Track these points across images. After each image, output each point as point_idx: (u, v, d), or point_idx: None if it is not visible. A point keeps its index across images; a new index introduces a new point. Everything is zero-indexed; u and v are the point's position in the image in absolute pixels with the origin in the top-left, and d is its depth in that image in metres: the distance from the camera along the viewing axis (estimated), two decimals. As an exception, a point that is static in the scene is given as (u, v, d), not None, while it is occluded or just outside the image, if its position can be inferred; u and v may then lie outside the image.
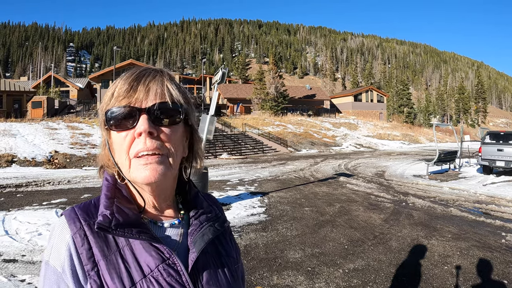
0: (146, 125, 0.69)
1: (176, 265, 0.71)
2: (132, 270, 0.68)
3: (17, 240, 5.47)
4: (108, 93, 0.74)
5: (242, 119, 37.46)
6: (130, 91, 0.71)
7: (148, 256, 0.70)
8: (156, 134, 0.71)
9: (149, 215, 0.78)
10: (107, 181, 0.77)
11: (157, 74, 0.74)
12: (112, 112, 0.71)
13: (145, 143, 0.70)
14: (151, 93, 0.72)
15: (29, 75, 75.41)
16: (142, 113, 0.70)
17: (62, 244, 0.69)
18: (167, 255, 0.71)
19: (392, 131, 44.43)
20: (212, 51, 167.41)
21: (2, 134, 18.38)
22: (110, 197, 0.73)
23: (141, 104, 0.71)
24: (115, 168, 0.76)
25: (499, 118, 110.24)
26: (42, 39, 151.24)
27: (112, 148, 0.75)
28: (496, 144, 12.97)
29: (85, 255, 0.67)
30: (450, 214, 7.45)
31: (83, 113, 35.40)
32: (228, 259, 0.85)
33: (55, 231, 0.72)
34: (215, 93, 8.46)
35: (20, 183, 11.02)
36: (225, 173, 14.60)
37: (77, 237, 0.69)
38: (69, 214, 0.73)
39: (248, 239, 5.73)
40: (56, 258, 0.68)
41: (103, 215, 0.69)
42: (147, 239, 0.70)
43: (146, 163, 0.70)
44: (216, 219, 0.85)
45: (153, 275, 0.68)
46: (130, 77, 0.73)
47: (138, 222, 0.72)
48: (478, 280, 4.14)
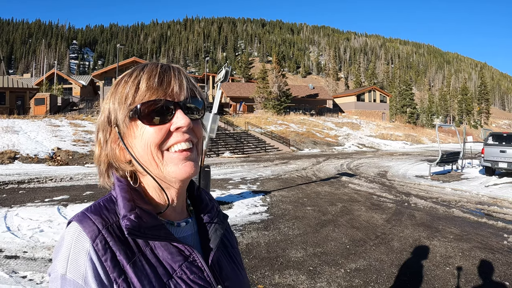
0: (188, 119, 0.69)
1: (197, 261, 0.72)
2: (159, 272, 0.66)
3: (19, 236, 5.48)
4: (129, 85, 0.69)
5: (244, 117, 37.46)
6: (163, 84, 0.69)
7: (170, 256, 0.69)
8: (191, 128, 0.71)
9: (164, 216, 0.75)
10: (120, 182, 0.72)
11: (180, 70, 0.73)
12: (146, 105, 0.67)
13: (182, 138, 0.69)
14: (183, 87, 0.71)
15: (32, 72, 75.74)
16: (178, 107, 0.69)
17: (80, 254, 0.63)
18: (188, 253, 0.71)
19: (395, 131, 44.32)
20: (215, 49, 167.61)
21: (5, 131, 18.42)
22: (129, 199, 0.69)
23: (176, 97, 0.70)
24: (129, 167, 0.73)
25: (502, 120, 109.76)
26: (46, 36, 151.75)
27: (129, 144, 0.71)
28: (498, 145, 12.92)
29: (110, 262, 0.63)
30: (452, 215, 7.43)
31: (85, 110, 35.52)
32: (234, 250, 0.88)
33: (67, 240, 0.65)
34: (218, 91, 8.45)
35: (23, 180, 11.05)
36: (227, 171, 14.61)
37: (98, 244, 0.63)
38: (82, 219, 0.67)
39: (250, 237, 5.73)
40: (75, 270, 0.62)
41: (129, 219, 0.65)
42: (171, 239, 0.69)
43: (185, 158, 0.69)
44: (219, 214, 0.87)
45: (178, 275, 0.68)
46: (156, 69, 0.70)
47: (159, 223, 0.70)
48: (479, 282, 4.13)
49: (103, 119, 0.73)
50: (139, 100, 0.68)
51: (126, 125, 0.69)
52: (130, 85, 0.69)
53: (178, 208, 0.78)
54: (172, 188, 0.74)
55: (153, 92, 0.68)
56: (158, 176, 0.70)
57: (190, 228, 0.79)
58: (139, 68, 0.72)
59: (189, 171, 0.70)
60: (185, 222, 0.79)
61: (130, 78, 0.70)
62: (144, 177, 0.74)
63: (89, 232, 0.65)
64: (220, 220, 0.84)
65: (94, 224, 0.66)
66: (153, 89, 0.68)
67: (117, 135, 0.71)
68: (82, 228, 0.65)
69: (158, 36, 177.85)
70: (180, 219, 0.79)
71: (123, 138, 0.70)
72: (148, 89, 0.68)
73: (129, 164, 0.73)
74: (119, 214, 0.68)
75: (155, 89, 0.68)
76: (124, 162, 0.73)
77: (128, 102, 0.68)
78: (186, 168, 0.69)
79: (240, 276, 0.83)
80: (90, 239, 0.64)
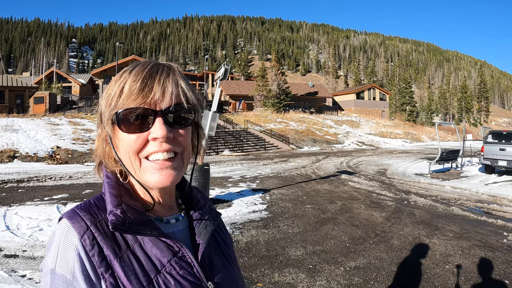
0: (164, 130, 0.66)
1: (186, 257, 0.72)
2: (147, 267, 0.66)
3: (18, 235, 5.47)
4: (115, 88, 0.68)
5: (244, 116, 37.47)
6: (144, 89, 0.66)
7: (159, 252, 0.69)
8: (171, 138, 0.68)
9: (153, 212, 0.76)
10: (108, 179, 0.73)
11: (170, 71, 0.70)
12: (125, 112, 0.66)
13: (160, 148, 0.67)
14: (167, 93, 0.67)
15: (31, 71, 75.60)
16: (158, 116, 0.67)
17: (69, 249, 0.64)
18: (177, 248, 0.71)
19: (394, 129, 44.33)
20: (214, 47, 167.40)
21: (4, 130, 18.41)
22: (116, 195, 0.70)
23: (156, 105, 0.67)
24: (117, 165, 0.73)
25: (501, 118, 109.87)
26: (45, 34, 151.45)
27: (116, 144, 0.71)
28: (498, 143, 12.93)
29: (97, 257, 0.64)
30: (451, 213, 7.43)
31: (85, 109, 35.47)
32: (227, 247, 0.88)
33: (57, 236, 0.66)
34: (218, 89, 8.44)
35: (22, 179, 11.04)
36: (226, 169, 14.60)
37: (86, 240, 0.64)
38: (71, 216, 0.68)
39: (249, 236, 5.72)
40: (64, 265, 0.63)
41: (115, 214, 0.66)
42: (158, 234, 0.69)
43: (160, 168, 0.68)
44: (211, 211, 0.87)
45: (167, 270, 0.68)
46: (142, 72, 0.67)
47: (147, 219, 0.70)
48: (479, 280, 4.13)
49: (98, 115, 0.74)
50: (121, 105, 0.67)
51: (110, 128, 0.70)
52: (116, 88, 0.68)
53: (166, 205, 0.79)
54: (154, 191, 0.74)
55: (133, 99, 0.66)
56: (138, 179, 0.71)
57: (180, 225, 0.79)
58: (130, 68, 0.70)
59: (165, 180, 0.68)
60: (175, 219, 0.79)
61: (119, 79, 0.69)
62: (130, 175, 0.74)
63: (77, 228, 0.66)
64: (211, 217, 0.84)
65: (83, 220, 0.67)
66: (133, 95, 0.66)
67: (107, 134, 0.72)
68: (71, 224, 0.66)
69: (158, 34, 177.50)
70: (170, 215, 0.79)
71: (111, 138, 0.71)
72: (130, 95, 0.66)
73: (116, 164, 0.74)
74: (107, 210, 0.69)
75: (136, 95, 0.66)
76: (112, 161, 0.74)
77: (111, 106, 0.68)
78: (162, 178, 0.68)
79: (233, 272, 0.82)
80: (78, 235, 0.65)
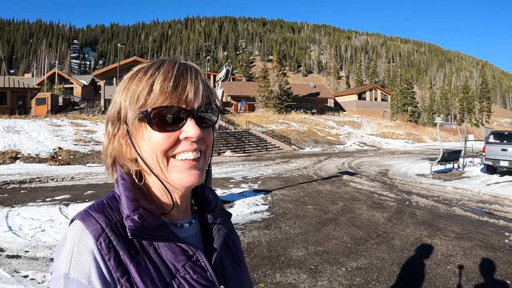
0: (198, 130, 0.66)
1: (200, 261, 0.71)
2: (163, 272, 0.66)
3: (21, 236, 5.49)
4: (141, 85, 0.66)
5: (246, 116, 37.45)
6: (177, 88, 0.65)
7: (174, 256, 0.68)
8: (202, 137, 0.69)
9: (169, 216, 0.74)
10: (124, 180, 0.71)
11: (197, 72, 0.70)
12: (158, 110, 0.65)
13: (190, 148, 0.67)
14: (198, 93, 0.67)
15: (33, 72, 75.72)
16: (190, 115, 0.66)
17: (84, 253, 0.62)
18: (191, 252, 0.71)
19: (396, 130, 44.27)
20: (216, 48, 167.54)
21: (6, 131, 18.47)
22: (133, 199, 0.67)
23: (188, 105, 0.66)
24: (134, 165, 0.71)
25: (503, 118, 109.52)
26: (46, 36, 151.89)
27: (137, 143, 0.69)
28: (500, 143, 12.90)
29: (114, 262, 0.62)
30: (453, 214, 7.42)
31: (87, 110, 35.57)
32: (237, 250, 0.87)
33: (70, 238, 0.64)
34: (219, 90, 8.46)
35: (24, 180, 11.07)
36: (228, 170, 14.61)
37: (102, 243, 0.62)
38: (85, 217, 0.65)
39: (251, 236, 5.73)
40: (79, 269, 0.61)
41: (132, 220, 0.64)
42: (175, 240, 0.69)
43: (190, 167, 0.68)
44: (223, 212, 0.85)
45: (181, 274, 0.67)
46: (173, 71, 0.66)
47: (163, 222, 0.69)
48: (481, 280, 4.12)
49: (113, 112, 0.70)
50: (151, 103, 0.65)
51: (135, 126, 0.67)
52: (144, 84, 0.66)
53: (182, 208, 0.77)
54: (177, 191, 0.72)
55: (166, 97, 0.65)
56: (163, 179, 0.69)
57: (193, 228, 0.78)
58: (156, 65, 0.68)
59: (193, 180, 0.68)
60: (188, 222, 0.78)
61: (144, 76, 0.67)
62: (149, 176, 0.72)
63: (92, 230, 0.63)
64: (223, 220, 0.83)
65: (98, 223, 0.65)
66: (166, 94, 0.65)
67: (125, 132, 0.69)
68: (86, 227, 0.64)
69: (159, 36, 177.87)
70: (184, 219, 0.78)
71: (131, 136, 0.68)
72: (162, 93, 0.65)
73: (135, 163, 0.71)
74: (122, 212, 0.67)
75: (169, 93, 0.65)
76: (129, 160, 0.71)
77: (140, 104, 0.65)
78: (190, 177, 0.68)
79: (243, 276, 0.82)
80: (93, 238, 0.63)
